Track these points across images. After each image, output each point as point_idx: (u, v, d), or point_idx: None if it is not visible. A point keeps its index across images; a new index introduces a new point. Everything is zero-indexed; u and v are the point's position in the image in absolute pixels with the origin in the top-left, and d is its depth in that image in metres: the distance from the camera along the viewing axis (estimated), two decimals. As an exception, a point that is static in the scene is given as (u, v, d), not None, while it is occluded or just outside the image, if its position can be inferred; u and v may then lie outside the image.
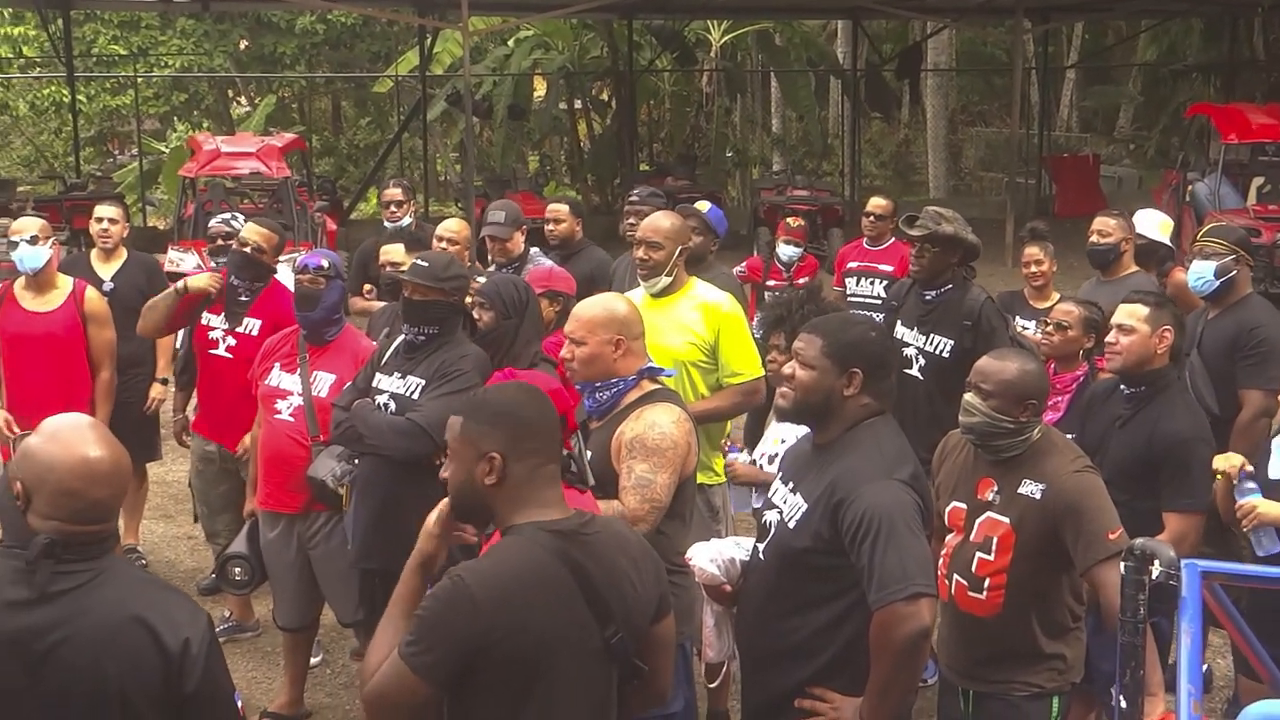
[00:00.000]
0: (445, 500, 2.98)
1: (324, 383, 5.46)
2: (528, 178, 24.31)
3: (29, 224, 6.56)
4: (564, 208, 7.43)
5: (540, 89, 28.66)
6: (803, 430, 4.01)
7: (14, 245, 6.45)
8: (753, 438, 8.22)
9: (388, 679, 2.76)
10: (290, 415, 5.47)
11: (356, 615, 5.53)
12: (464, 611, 2.70)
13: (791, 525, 3.51)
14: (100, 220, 7.32)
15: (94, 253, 7.35)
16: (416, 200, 23.82)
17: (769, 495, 3.73)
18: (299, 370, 5.50)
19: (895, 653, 3.27)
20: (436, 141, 28.25)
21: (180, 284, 6.26)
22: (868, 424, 3.53)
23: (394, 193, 8.40)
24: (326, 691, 6.13)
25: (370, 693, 2.80)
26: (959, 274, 5.81)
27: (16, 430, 6.41)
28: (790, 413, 3.63)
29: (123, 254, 7.38)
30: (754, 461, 5.10)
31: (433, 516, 2.98)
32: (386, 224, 8.25)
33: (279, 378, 5.54)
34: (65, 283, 6.60)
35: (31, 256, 6.42)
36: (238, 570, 5.62)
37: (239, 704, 2.84)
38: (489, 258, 7.08)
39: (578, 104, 28.53)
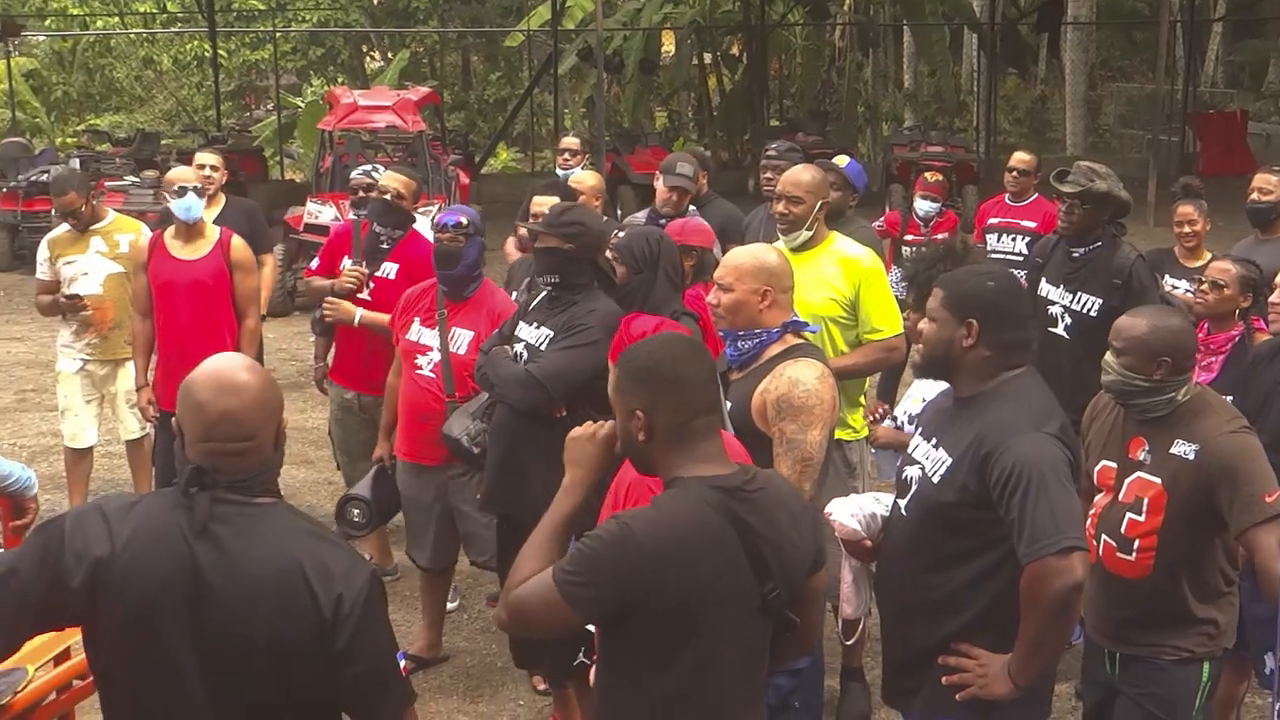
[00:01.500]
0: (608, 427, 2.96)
1: (462, 340, 5.50)
2: (656, 133, 24.29)
3: (186, 174, 6.73)
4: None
5: (669, 44, 28.56)
6: (943, 388, 3.95)
7: (181, 194, 6.62)
8: (886, 397, 8.17)
9: (535, 596, 2.77)
10: (431, 371, 5.54)
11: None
12: (626, 555, 2.71)
13: (935, 480, 3.47)
14: (202, 167, 7.50)
15: None
16: (544, 155, 23.97)
17: (909, 451, 3.69)
18: (438, 326, 5.56)
19: (1047, 608, 3.22)
20: (565, 97, 28.32)
21: (331, 284, 6.41)
22: (1012, 377, 3.46)
23: (571, 141, 8.56)
24: (464, 636, 6.24)
25: (515, 602, 2.81)
26: (1109, 231, 5.67)
27: (156, 413, 6.65)
28: (920, 367, 3.63)
29: (221, 199, 7.58)
30: (895, 421, 5.05)
31: (601, 437, 2.97)
32: (559, 171, 8.39)
33: (419, 332, 5.61)
34: (212, 231, 6.75)
35: (196, 206, 6.61)
36: (355, 512, 5.74)
37: (401, 662, 2.80)
38: (656, 207, 7.07)
39: (708, 59, 28.37)
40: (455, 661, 5.98)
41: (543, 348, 4.90)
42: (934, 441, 3.53)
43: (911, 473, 3.58)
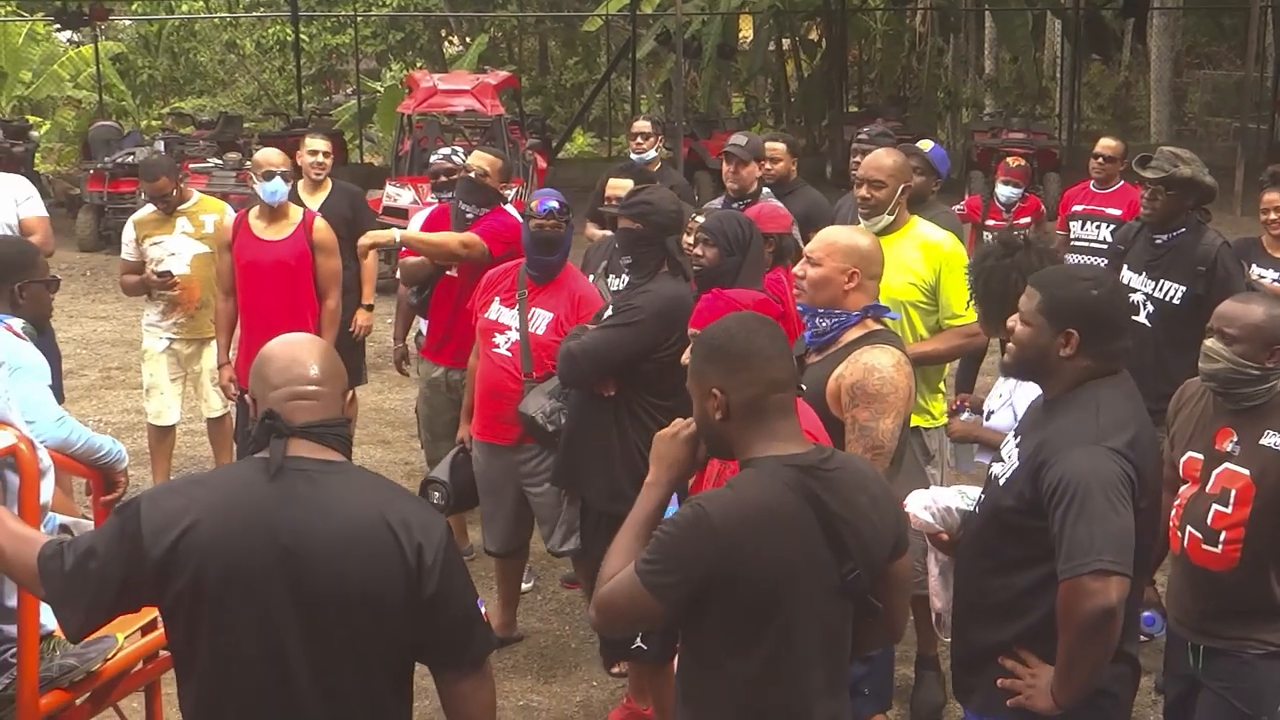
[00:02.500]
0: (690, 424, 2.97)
1: (541, 320, 5.50)
2: (733, 118, 24.20)
3: (274, 156, 6.81)
4: (781, 146, 7.32)
5: (746, 29, 28.43)
6: (1019, 386, 3.88)
7: (268, 177, 6.71)
8: (965, 385, 8.08)
9: (620, 590, 2.79)
10: (508, 350, 5.54)
11: (568, 545, 5.62)
12: (703, 539, 2.70)
13: (1001, 482, 3.42)
14: (315, 153, 7.57)
15: (301, 184, 7.57)
16: (619, 141, 23.96)
17: (1002, 447, 3.63)
18: (518, 306, 5.57)
19: (1078, 628, 3.14)
20: (642, 82, 28.29)
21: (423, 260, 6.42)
22: (1093, 384, 3.34)
23: (642, 125, 8.55)
24: (538, 616, 6.28)
25: (601, 598, 2.84)
26: (1193, 218, 5.57)
27: (237, 390, 6.78)
28: (1010, 368, 3.54)
29: (328, 185, 7.63)
30: (979, 414, 4.99)
31: (683, 436, 2.98)
32: (633, 155, 8.42)
33: (499, 311, 5.61)
34: (296, 213, 6.84)
35: (282, 189, 6.72)
36: (436, 495, 5.78)
37: (483, 610, 2.87)
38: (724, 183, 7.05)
39: (786, 44, 28.22)
40: (529, 642, 6.02)
41: None
42: (1017, 441, 3.47)
43: (995, 470, 3.53)
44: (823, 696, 2.88)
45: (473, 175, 6.35)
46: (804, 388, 3.81)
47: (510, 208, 6.77)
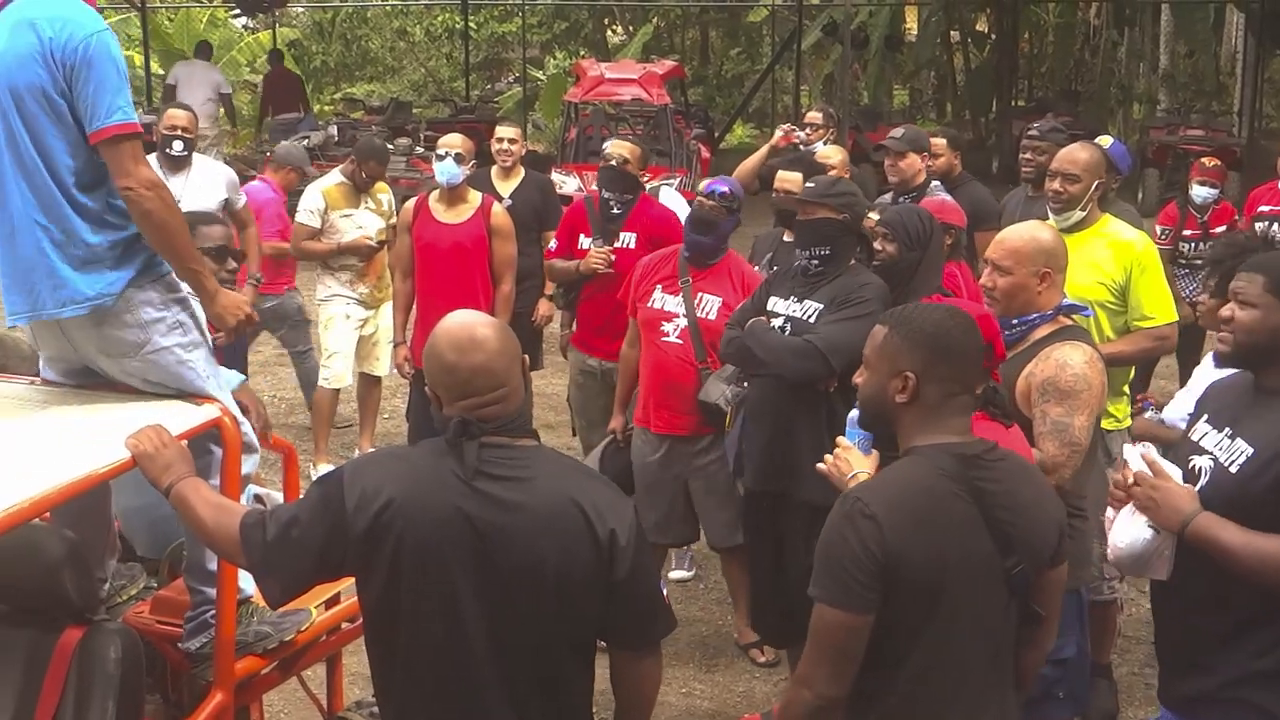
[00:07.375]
0: None
1: (711, 305, 5.47)
2: (897, 111, 23.92)
3: (453, 140, 6.97)
4: (941, 141, 7.17)
5: (911, 21, 28.05)
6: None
7: (441, 158, 6.88)
8: (1138, 388, 7.82)
9: (812, 635, 2.75)
10: (677, 338, 5.51)
11: (733, 539, 5.59)
12: (867, 533, 2.68)
13: (1234, 470, 3.20)
14: (501, 140, 7.69)
15: (494, 170, 7.71)
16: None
17: (1196, 439, 3.47)
18: (683, 293, 5.55)
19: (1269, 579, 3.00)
20: (805, 73, 28.10)
21: (577, 265, 6.50)
22: None
23: (815, 116, 8.53)
24: (700, 606, 6.29)
25: (803, 666, 2.80)
26: None
27: (411, 369, 6.99)
28: (1232, 357, 3.36)
29: (520, 172, 7.73)
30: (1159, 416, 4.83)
31: None
32: (801, 148, 8.34)
33: (663, 299, 5.58)
34: (475, 197, 6.96)
35: (450, 172, 6.84)
36: None
37: (664, 593, 2.92)
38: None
39: (954, 35, 27.77)
40: (691, 631, 6.01)
41: (811, 320, 4.78)
42: (1228, 431, 3.32)
43: (1200, 463, 3.38)
44: (988, 691, 2.85)
45: (613, 164, 6.36)
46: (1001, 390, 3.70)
47: (676, 193, 6.78)
